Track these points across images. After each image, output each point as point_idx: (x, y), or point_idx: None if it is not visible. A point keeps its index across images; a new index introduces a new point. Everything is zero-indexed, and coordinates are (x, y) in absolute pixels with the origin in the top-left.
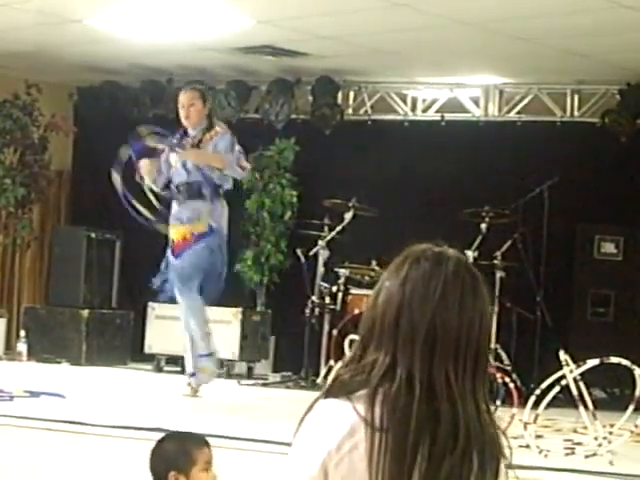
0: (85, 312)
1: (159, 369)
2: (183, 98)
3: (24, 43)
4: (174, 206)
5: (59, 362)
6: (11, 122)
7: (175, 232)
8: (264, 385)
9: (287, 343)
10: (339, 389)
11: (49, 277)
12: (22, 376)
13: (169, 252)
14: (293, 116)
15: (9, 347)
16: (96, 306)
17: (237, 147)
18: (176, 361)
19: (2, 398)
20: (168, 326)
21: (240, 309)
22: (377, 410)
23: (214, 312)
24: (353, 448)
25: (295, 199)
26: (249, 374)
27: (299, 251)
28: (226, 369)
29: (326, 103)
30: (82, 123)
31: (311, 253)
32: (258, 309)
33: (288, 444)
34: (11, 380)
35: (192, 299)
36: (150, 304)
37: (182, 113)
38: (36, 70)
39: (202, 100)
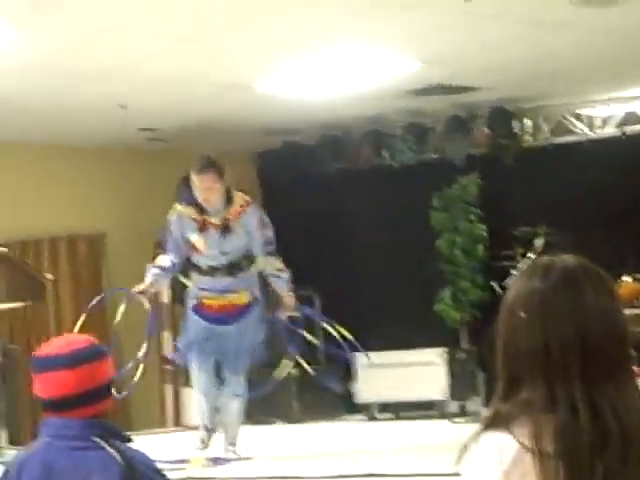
0: (294, 370)
1: (372, 418)
2: (200, 182)
3: (201, 115)
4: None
5: (273, 422)
6: None
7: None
8: (476, 421)
9: (496, 377)
10: (499, 422)
11: None
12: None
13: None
14: (472, 151)
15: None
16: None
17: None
18: (389, 408)
19: (219, 463)
20: (375, 374)
21: (445, 349)
22: (545, 439)
23: (419, 354)
24: (522, 478)
25: (485, 233)
26: (461, 412)
27: (494, 284)
28: (438, 409)
29: (503, 134)
30: (267, 186)
31: (506, 284)
32: (463, 346)
33: None
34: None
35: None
36: (356, 354)
37: (200, 196)
38: (215, 141)
39: (221, 179)
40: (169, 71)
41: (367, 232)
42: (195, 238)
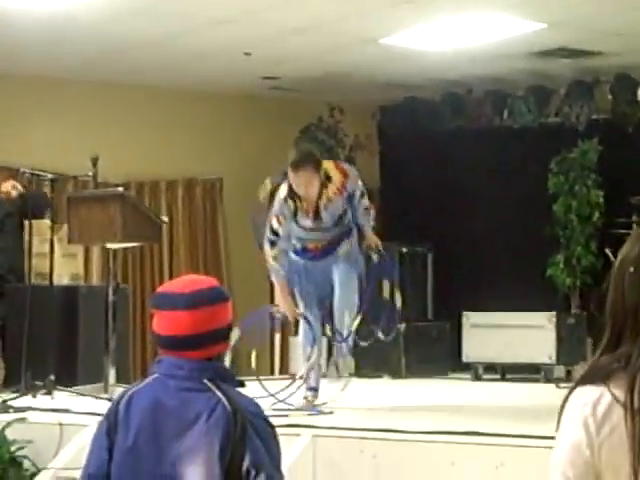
0: (402, 326)
1: (477, 377)
2: (296, 177)
3: (324, 67)
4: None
5: (380, 376)
6: (317, 144)
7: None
8: None
9: None
10: (595, 376)
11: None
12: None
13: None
14: (594, 116)
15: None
16: (412, 319)
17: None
18: (494, 369)
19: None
20: (484, 334)
21: (554, 313)
22: (637, 395)
23: (528, 317)
24: (612, 430)
25: (601, 199)
26: (567, 377)
27: (608, 251)
28: (543, 373)
29: (626, 100)
30: (386, 141)
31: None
32: (573, 312)
33: None
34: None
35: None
36: (465, 313)
37: (299, 190)
38: (338, 92)
39: (318, 172)
40: (295, 20)
41: (483, 192)
42: (294, 226)
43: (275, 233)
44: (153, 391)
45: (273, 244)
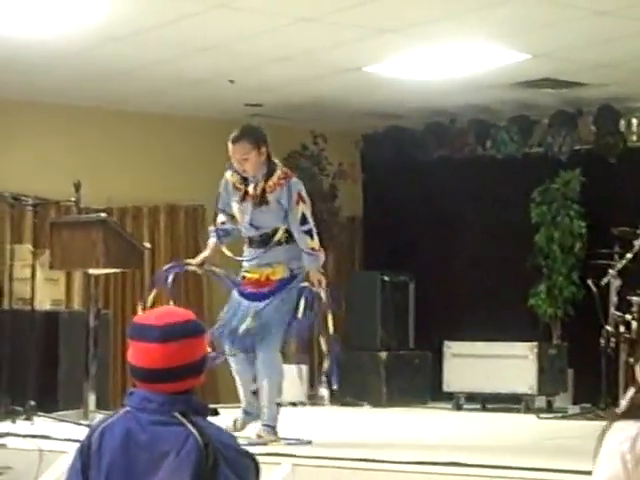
0: (383, 354)
1: (458, 407)
2: (233, 152)
3: (308, 95)
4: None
5: (361, 405)
6: (300, 172)
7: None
8: (563, 418)
9: (585, 375)
10: (635, 411)
11: (347, 321)
12: (324, 421)
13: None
14: (576, 147)
15: (313, 392)
16: (394, 348)
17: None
18: (475, 398)
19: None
20: (465, 364)
21: (536, 343)
22: None
23: (509, 347)
24: None
25: (584, 230)
26: (548, 408)
27: (590, 282)
28: (524, 404)
29: (609, 132)
30: (369, 169)
31: (602, 283)
32: (554, 342)
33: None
34: (313, 425)
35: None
36: (446, 343)
37: (236, 164)
38: (321, 120)
39: (256, 149)
40: (279, 48)
41: (466, 221)
42: (235, 207)
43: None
44: (124, 426)
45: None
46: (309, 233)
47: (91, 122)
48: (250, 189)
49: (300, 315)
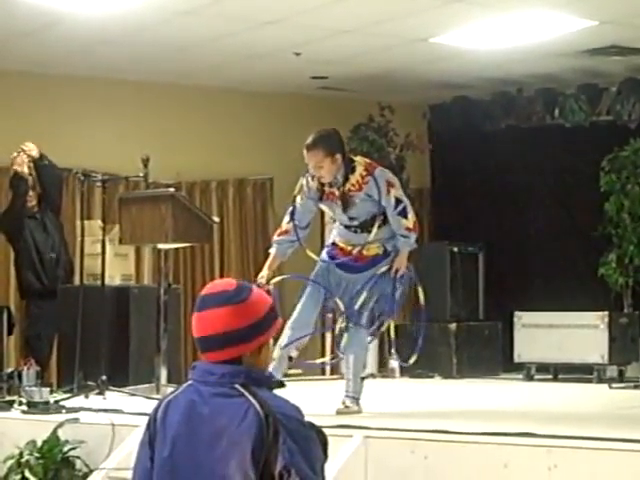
0: (453, 325)
1: (530, 378)
2: (308, 159)
3: (375, 66)
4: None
5: (431, 376)
6: (367, 144)
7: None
8: (636, 387)
9: None
10: None
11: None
12: (395, 393)
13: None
14: None
15: (382, 365)
16: (463, 319)
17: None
18: (547, 369)
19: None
20: (535, 334)
21: (607, 312)
22: None
23: (580, 317)
24: None
25: None
26: (620, 377)
27: None
28: (596, 373)
29: None
30: (436, 140)
31: None
32: (625, 311)
33: None
34: (384, 397)
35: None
36: (516, 313)
37: (313, 172)
38: (388, 92)
39: (329, 157)
40: (345, 20)
41: (534, 191)
42: (324, 206)
43: (294, 204)
44: (187, 399)
45: (290, 215)
46: (403, 213)
47: (159, 97)
48: (335, 190)
49: (398, 296)
